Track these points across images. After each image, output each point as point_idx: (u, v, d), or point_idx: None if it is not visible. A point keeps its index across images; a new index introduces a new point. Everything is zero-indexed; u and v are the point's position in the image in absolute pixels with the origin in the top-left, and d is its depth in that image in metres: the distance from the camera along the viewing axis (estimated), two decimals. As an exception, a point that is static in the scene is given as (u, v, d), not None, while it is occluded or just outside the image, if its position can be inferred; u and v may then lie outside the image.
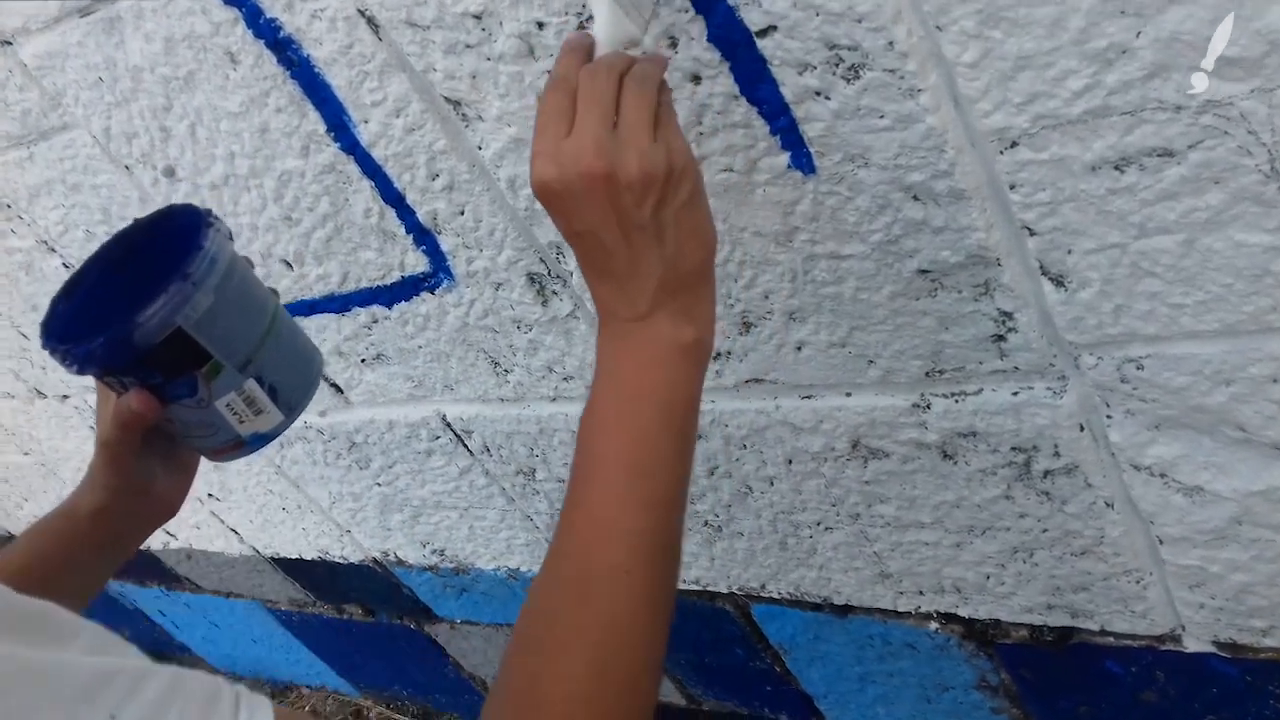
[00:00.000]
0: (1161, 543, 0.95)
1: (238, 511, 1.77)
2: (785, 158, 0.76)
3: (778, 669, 1.50)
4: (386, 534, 1.60)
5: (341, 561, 1.78)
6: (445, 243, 1.00)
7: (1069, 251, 0.74)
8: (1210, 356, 0.77)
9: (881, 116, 0.71)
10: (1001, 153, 0.69)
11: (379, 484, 1.47)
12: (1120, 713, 1.22)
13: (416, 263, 1.04)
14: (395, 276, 1.07)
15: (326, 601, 2.02)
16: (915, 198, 0.75)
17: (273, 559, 1.91)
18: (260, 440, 0.83)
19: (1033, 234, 0.74)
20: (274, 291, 0.84)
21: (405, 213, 0.99)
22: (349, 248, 1.06)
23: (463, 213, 0.96)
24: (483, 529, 1.46)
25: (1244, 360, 0.76)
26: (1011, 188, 0.71)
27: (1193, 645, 1.06)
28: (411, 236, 1.01)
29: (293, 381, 0.83)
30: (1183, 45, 0.59)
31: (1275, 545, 0.89)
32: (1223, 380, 0.78)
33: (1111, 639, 1.11)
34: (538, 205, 0.90)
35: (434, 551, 1.58)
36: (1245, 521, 0.89)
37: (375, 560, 1.71)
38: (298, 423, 1.41)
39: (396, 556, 1.66)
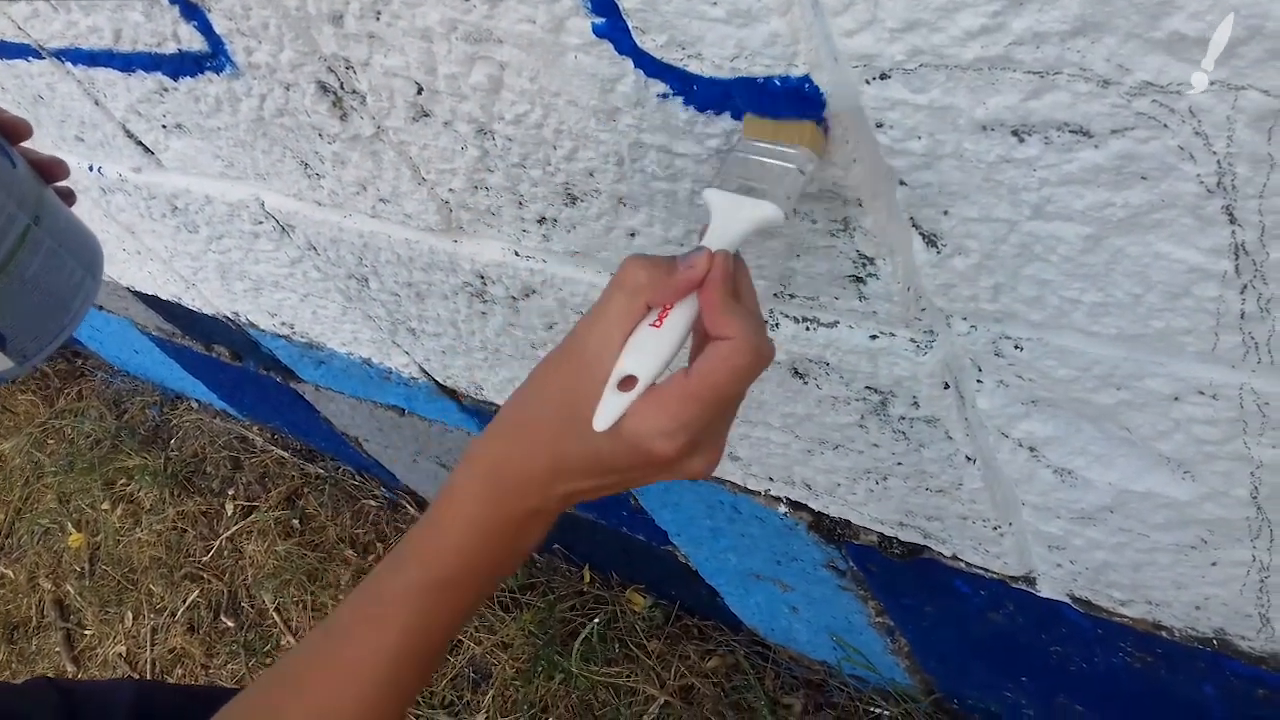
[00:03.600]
0: (1024, 505, 0.83)
1: (82, 240, 1.60)
2: (594, 23, 0.56)
3: (632, 502, 1.41)
4: (232, 297, 1.45)
5: (196, 310, 1.63)
6: (218, 24, 0.79)
7: (945, 212, 0.56)
8: (1102, 358, 0.61)
9: (714, 3, 0.50)
10: (868, 82, 0.50)
11: (213, 251, 1.30)
12: (966, 621, 1.15)
13: (191, 38, 0.83)
14: (172, 48, 0.86)
15: (193, 338, 1.90)
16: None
17: (130, 289, 1.77)
18: None
19: (904, 184, 0.55)
20: (33, 223, 0.67)
21: (163, -20, 0.77)
22: (113, 4, 0.84)
23: (229, -6, 0.74)
24: (327, 316, 1.31)
25: (1142, 371, 0.60)
26: (879, 126, 0.52)
27: (1046, 591, 0.96)
28: (178, 8, 0.80)
29: (29, 329, 0.69)
30: (1127, 5, 0.39)
31: (1147, 541, 0.77)
32: (1114, 385, 0.62)
33: (963, 565, 1.01)
34: (310, 6, 0.69)
35: (283, 324, 1.44)
36: (1118, 512, 0.76)
37: (227, 318, 1.57)
38: (108, 174, 1.22)
39: (247, 319, 1.51)
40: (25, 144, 0.75)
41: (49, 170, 0.74)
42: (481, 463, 0.57)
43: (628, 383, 0.52)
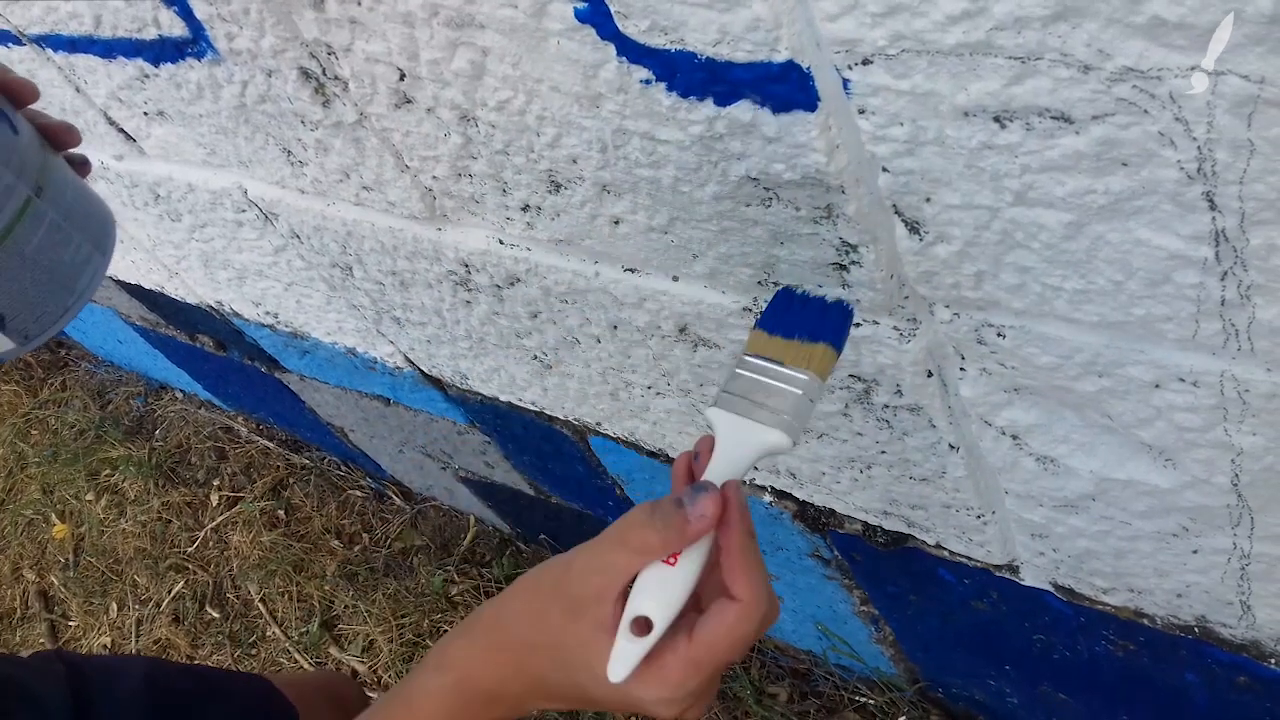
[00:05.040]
0: (1007, 494, 0.83)
1: (65, 229, 1.59)
2: (577, 8, 0.55)
3: (618, 492, 1.41)
4: (216, 286, 1.44)
5: (179, 300, 1.62)
6: (198, 9, 0.78)
7: (927, 199, 0.56)
8: (1084, 345, 0.61)
9: (695, -14, 0.50)
10: (850, 67, 0.49)
11: (196, 240, 1.29)
12: (950, 610, 1.16)
13: (172, 24, 0.82)
14: (153, 33, 0.85)
15: (177, 327, 1.89)
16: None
17: (114, 279, 1.76)
18: None
19: (886, 171, 0.55)
20: (34, 195, 0.63)
21: (142, -36, 0.76)
22: (92, -11, 0.84)
23: (209, -21, 0.73)
24: (311, 305, 1.31)
25: (1123, 359, 0.60)
26: (861, 112, 0.52)
27: (1030, 580, 0.97)
28: (158, -7, 0.79)
29: (31, 309, 0.65)
30: (1105, -13, 0.39)
31: (1129, 529, 0.78)
32: (1095, 371, 0.63)
33: (946, 553, 1.01)
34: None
35: (267, 313, 1.43)
36: (1099, 500, 0.76)
37: (210, 307, 1.56)
38: (90, 162, 1.21)
39: (231, 309, 1.51)
40: (34, 107, 0.68)
41: (58, 137, 0.68)
42: (454, 672, 0.56)
43: (640, 625, 0.50)
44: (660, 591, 0.49)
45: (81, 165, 0.72)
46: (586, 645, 0.51)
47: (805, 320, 0.54)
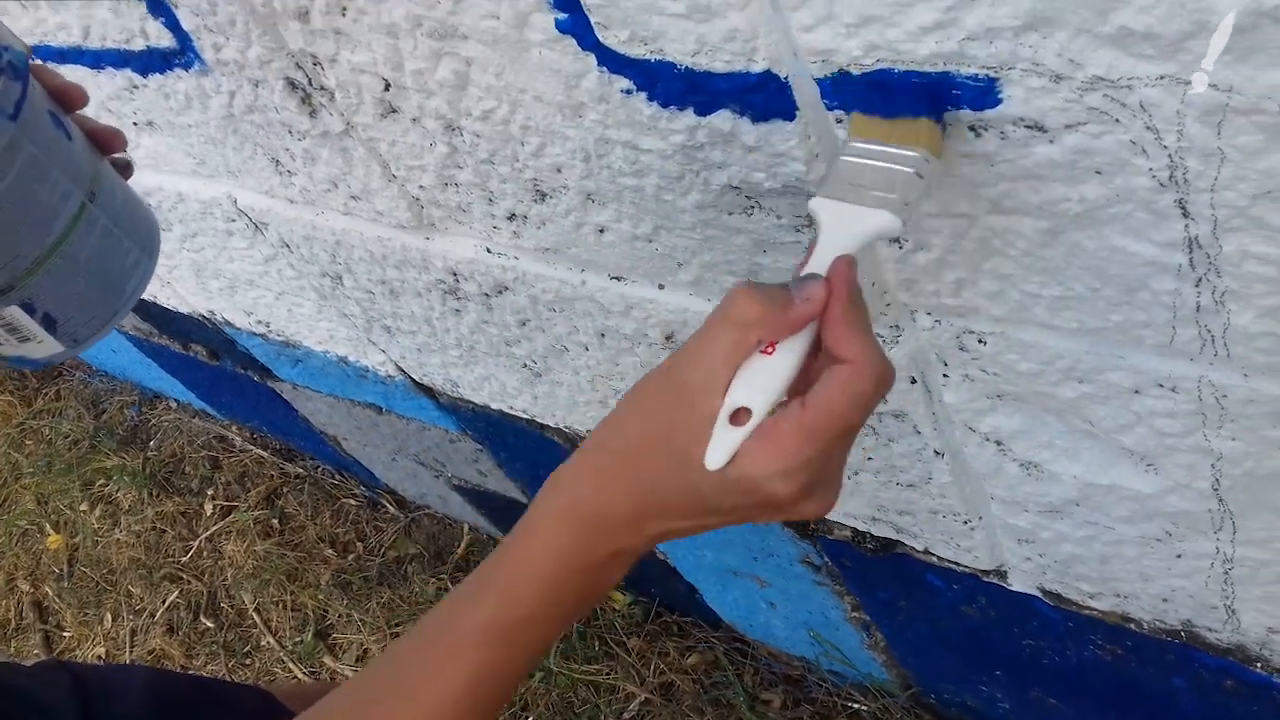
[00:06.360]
0: (993, 499, 0.83)
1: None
2: (557, 19, 0.56)
3: (609, 499, 1.41)
4: (208, 296, 1.45)
5: (171, 309, 1.63)
6: (185, 21, 0.79)
7: (905, 206, 0.56)
8: (1063, 352, 0.61)
9: (673, -2, 0.50)
10: (827, 77, 0.50)
11: (187, 249, 1.30)
12: (940, 616, 1.16)
13: (159, 35, 0.83)
14: (140, 44, 0.86)
15: (170, 336, 1.89)
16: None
17: (106, 289, 1.76)
18: (26, 363, 0.66)
19: (864, 179, 0.56)
20: (88, 200, 0.62)
21: (129, -24, 0.77)
22: (80, 0, 0.84)
23: (195, -9, 0.74)
24: (302, 314, 1.31)
25: (1102, 365, 0.60)
26: (839, 121, 0.52)
27: (1018, 585, 0.97)
28: (145, 4, 0.79)
29: (81, 313, 0.65)
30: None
31: (1113, 534, 0.78)
32: (1076, 378, 0.63)
33: (935, 559, 1.02)
34: (276, 3, 0.69)
35: (258, 322, 1.44)
36: (1083, 505, 0.77)
37: (203, 316, 1.56)
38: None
39: (223, 318, 1.51)
40: (81, 112, 0.68)
41: (106, 141, 0.68)
42: (568, 495, 0.53)
43: (740, 415, 0.47)
44: (757, 379, 0.47)
45: (125, 169, 0.72)
46: (699, 438, 0.47)
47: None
